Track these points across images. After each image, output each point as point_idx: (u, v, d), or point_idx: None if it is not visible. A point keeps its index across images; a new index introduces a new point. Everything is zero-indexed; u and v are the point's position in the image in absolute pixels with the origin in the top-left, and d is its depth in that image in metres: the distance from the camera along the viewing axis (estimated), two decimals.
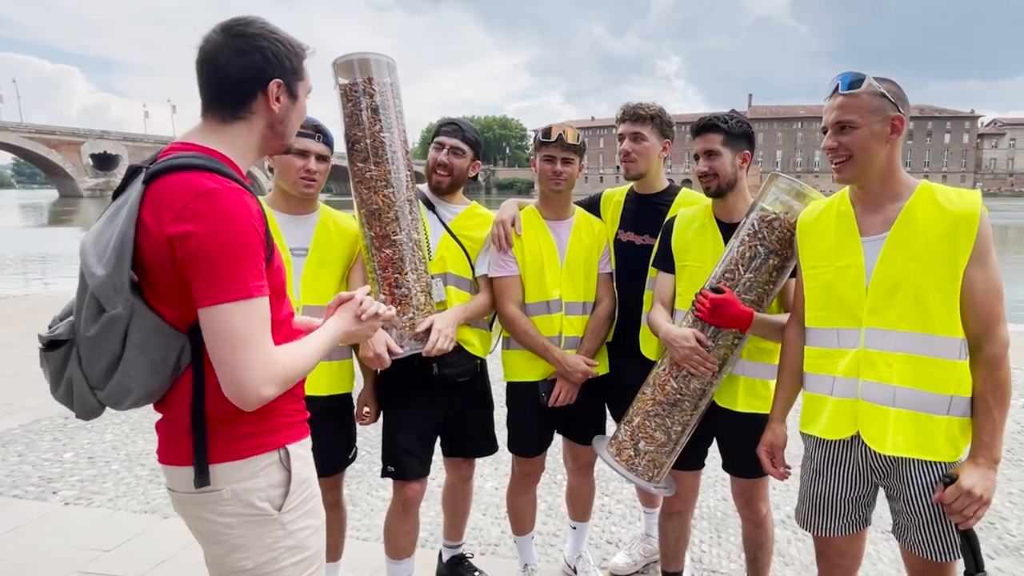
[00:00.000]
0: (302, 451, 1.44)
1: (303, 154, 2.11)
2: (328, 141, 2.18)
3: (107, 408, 1.31)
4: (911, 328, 1.60)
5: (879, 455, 1.67)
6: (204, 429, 1.29)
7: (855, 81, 1.61)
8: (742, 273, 2.01)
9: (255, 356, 1.21)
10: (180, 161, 1.23)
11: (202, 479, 1.29)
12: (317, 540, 1.45)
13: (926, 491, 1.63)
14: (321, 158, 2.16)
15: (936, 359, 1.59)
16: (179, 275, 1.21)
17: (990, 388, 1.59)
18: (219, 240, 1.18)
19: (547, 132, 2.35)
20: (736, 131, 2.14)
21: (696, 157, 2.18)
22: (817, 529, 1.85)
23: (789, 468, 1.98)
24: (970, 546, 1.60)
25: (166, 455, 1.36)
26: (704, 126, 2.16)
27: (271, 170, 2.21)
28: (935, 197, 1.61)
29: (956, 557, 1.63)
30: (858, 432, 1.69)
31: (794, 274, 2.05)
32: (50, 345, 1.30)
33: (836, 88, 1.64)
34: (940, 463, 1.62)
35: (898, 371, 1.61)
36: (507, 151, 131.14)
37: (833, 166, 1.68)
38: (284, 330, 1.39)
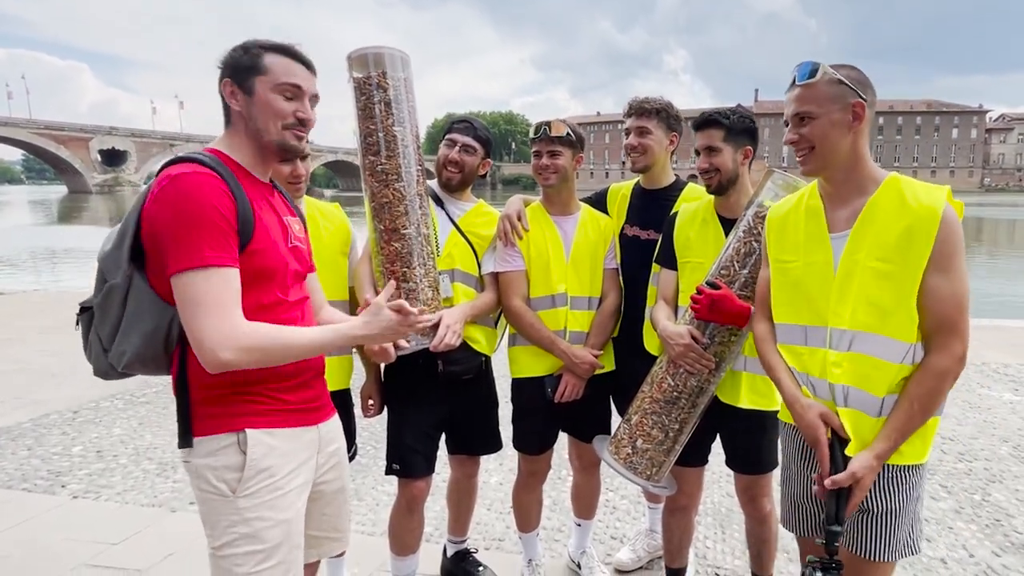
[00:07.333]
0: (272, 440, 1.47)
1: None
2: None
3: (121, 375, 1.51)
4: (864, 328, 1.53)
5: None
6: (187, 396, 1.44)
7: (811, 71, 1.56)
8: (738, 269, 2.00)
9: (214, 321, 1.31)
10: (176, 157, 1.41)
11: (182, 440, 1.44)
12: (277, 535, 1.45)
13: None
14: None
15: (879, 360, 1.52)
16: (157, 250, 1.36)
17: (920, 393, 1.49)
18: (176, 215, 1.33)
19: (535, 128, 2.37)
20: (738, 127, 2.12)
21: (697, 153, 2.17)
22: (792, 527, 1.81)
23: None
24: (836, 500, 1.51)
25: None
26: (705, 121, 2.15)
27: None
28: (902, 192, 1.52)
29: (893, 559, 1.59)
30: None
31: None
32: (82, 310, 1.51)
33: (794, 80, 1.60)
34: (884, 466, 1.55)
35: (846, 370, 1.55)
36: (513, 147, 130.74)
37: (797, 159, 1.63)
38: (275, 315, 1.47)
